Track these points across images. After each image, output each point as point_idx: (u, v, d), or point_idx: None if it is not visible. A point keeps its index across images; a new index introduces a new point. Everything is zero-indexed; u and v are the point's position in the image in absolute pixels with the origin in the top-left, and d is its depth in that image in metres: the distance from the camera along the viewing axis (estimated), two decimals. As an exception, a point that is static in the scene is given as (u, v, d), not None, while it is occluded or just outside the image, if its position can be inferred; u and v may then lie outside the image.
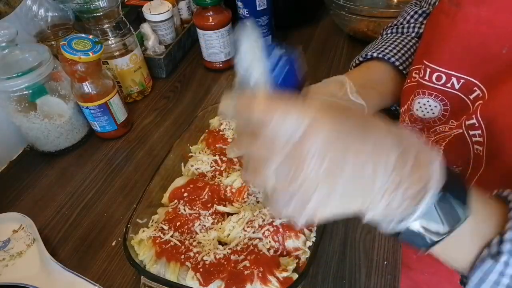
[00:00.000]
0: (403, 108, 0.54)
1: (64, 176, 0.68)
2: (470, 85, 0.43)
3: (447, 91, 0.45)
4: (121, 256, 0.55)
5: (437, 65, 0.44)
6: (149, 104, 0.82)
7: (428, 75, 0.46)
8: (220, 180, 0.56)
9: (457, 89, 0.44)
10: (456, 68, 0.43)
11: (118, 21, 0.74)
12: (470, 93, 0.43)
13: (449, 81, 0.44)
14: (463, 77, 0.43)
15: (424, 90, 0.47)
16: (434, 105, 0.47)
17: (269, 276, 0.43)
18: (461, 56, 0.42)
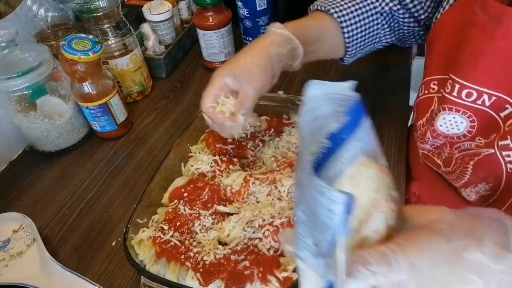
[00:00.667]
0: (421, 121, 0.52)
1: (64, 176, 0.68)
2: (502, 102, 0.41)
3: (476, 107, 0.43)
4: (121, 256, 0.55)
5: (467, 81, 0.42)
6: (149, 104, 0.82)
7: (457, 91, 0.43)
8: (220, 180, 0.56)
9: (488, 106, 0.42)
10: (489, 85, 0.41)
11: (118, 21, 0.74)
12: (501, 110, 0.42)
13: (480, 98, 0.42)
14: (495, 94, 0.41)
15: (451, 106, 0.45)
16: (460, 121, 0.45)
17: (269, 276, 0.43)
18: (497, 73, 0.40)
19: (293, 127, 0.63)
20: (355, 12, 0.57)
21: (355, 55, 0.61)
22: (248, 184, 0.54)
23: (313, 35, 0.56)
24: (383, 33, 0.61)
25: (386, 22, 0.59)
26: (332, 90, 0.24)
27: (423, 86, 0.52)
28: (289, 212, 0.49)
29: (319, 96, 0.25)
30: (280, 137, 0.62)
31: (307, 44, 0.55)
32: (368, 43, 0.60)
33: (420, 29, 0.59)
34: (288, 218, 0.48)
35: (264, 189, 0.53)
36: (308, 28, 0.56)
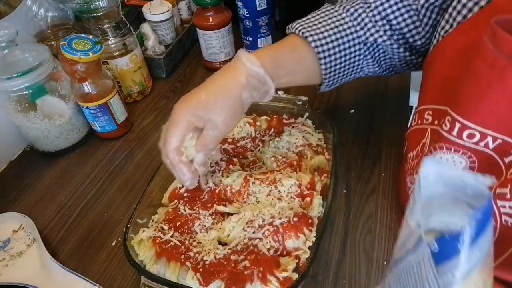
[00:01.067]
0: (412, 153, 0.48)
1: (64, 176, 0.68)
2: (508, 147, 0.37)
3: (478, 149, 0.38)
4: (121, 256, 0.55)
5: (470, 121, 0.37)
6: (149, 104, 0.82)
7: (457, 131, 0.39)
8: (220, 180, 0.56)
9: (491, 148, 0.38)
10: (495, 127, 0.37)
11: (118, 21, 0.74)
12: (506, 155, 0.37)
13: (483, 139, 0.38)
14: (501, 138, 0.37)
15: (450, 146, 0.40)
16: (459, 161, 0.41)
17: (269, 276, 0.43)
18: (505, 115, 0.36)
19: (293, 127, 0.63)
20: (335, 42, 0.52)
21: (332, 85, 0.57)
22: (248, 184, 0.54)
23: (289, 69, 0.52)
24: (365, 64, 0.56)
25: (370, 53, 0.55)
26: (456, 174, 0.21)
27: (416, 115, 0.48)
28: (289, 212, 0.49)
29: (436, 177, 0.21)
30: (280, 137, 0.62)
31: (281, 77, 0.51)
32: (348, 73, 0.56)
33: (413, 57, 0.55)
34: (288, 218, 0.48)
35: (264, 189, 0.53)
36: (285, 61, 0.51)
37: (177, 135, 0.47)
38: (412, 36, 0.52)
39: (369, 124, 0.70)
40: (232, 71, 0.48)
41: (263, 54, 0.50)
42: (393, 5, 0.51)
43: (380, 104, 0.75)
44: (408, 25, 0.51)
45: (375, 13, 0.52)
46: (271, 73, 0.49)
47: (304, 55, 0.52)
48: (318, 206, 0.51)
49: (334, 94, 0.78)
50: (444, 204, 0.21)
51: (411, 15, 0.51)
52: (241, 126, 0.64)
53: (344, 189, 0.60)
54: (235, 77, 0.48)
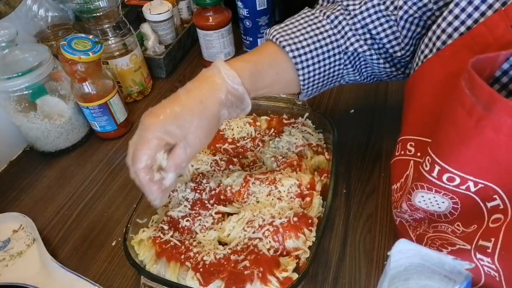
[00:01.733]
0: (395, 185, 0.46)
1: (64, 176, 0.68)
2: (490, 191, 0.35)
3: (460, 192, 0.36)
4: (121, 256, 0.55)
5: (450, 166, 0.35)
6: (149, 104, 0.82)
7: (437, 173, 0.36)
8: (220, 180, 0.56)
9: (473, 192, 0.36)
10: (476, 174, 0.35)
11: (118, 21, 0.74)
12: (488, 200, 0.35)
13: (464, 184, 0.36)
14: (482, 183, 0.35)
15: (431, 186, 0.38)
16: (442, 201, 0.39)
17: (269, 276, 0.43)
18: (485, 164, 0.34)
19: (293, 127, 0.63)
20: (314, 52, 0.49)
21: (311, 94, 0.55)
22: (248, 184, 0.54)
23: (268, 82, 0.50)
24: (345, 72, 0.54)
25: (350, 62, 0.53)
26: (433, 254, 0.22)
27: (400, 145, 0.46)
28: (289, 212, 0.49)
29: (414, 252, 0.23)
30: (280, 137, 0.62)
31: (259, 90, 0.49)
32: (327, 82, 0.54)
33: (393, 69, 0.54)
34: (288, 218, 0.48)
35: (264, 189, 0.53)
36: (264, 75, 0.49)
37: (148, 153, 0.42)
38: (392, 47, 0.51)
39: (369, 124, 0.70)
40: (211, 85, 0.45)
41: (243, 69, 0.46)
42: (373, 14, 0.49)
43: (380, 104, 0.75)
44: (387, 36, 0.50)
45: (355, 21, 0.50)
46: (249, 88, 0.46)
47: (283, 66, 0.50)
48: (318, 206, 0.51)
49: (334, 94, 0.78)
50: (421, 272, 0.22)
51: (391, 26, 0.50)
52: (241, 126, 0.64)
53: (344, 189, 0.60)
54: (214, 93, 0.44)
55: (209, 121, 0.44)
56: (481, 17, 0.37)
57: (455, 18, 0.39)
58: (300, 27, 0.51)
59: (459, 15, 0.38)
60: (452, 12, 0.39)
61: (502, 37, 0.34)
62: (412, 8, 0.47)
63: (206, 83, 0.45)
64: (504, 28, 0.34)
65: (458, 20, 0.38)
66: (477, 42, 0.36)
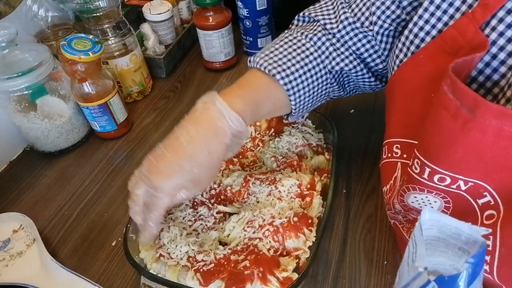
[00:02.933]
0: (385, 188, 0.47)
1: (64, 176, 0.68)
2: (479, 189, 0.36)
3: (451, 191, 0.38)
4: (121, 256, 0.55)
5: (440, 168, 0.36)
6: (149, 104, 0.82)
7: (428, 175, 0.38)
8: (220, 180, 0.56)
9: (464, 190, 0.37)
10: (465, 173, 0.36)
11: (118, 21, 0.74)
12: (478, 197, 0.37)
13: (454, 183, 0.37)
14: (472, 181, 0.36)
15: (422, 187, 0.39)
16: (434, 201, 0.40)
17: (269, 276, 0.43)
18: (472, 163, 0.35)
19: (293, 127, 0.63)
20: (303, 76, 0.50)
21: (299, 115, 0.56)
22: (248, 184, 0.54)
23: (265, 113, 0.51)
24: (331, 90, 0.56)
25: (335, 80, 0.54)
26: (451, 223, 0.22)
27: (386, 148, 0.46)
28: (289, 212, 0.49)
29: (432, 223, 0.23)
30: (280, 137, 0.62)
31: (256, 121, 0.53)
32: (315, 102, 0.55)
33: (378, 82, 0.55)
34: (288, 218, 0.48)
35: (264, 189, 0.53)
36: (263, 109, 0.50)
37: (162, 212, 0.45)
38: (373, 60, 0.52)
39: (369, 124, 0.70)
40: (216, 132, 0.44)
41: (245, 110, 0.46)
42: (350, 32, 0.50)
43: (380, 104, 0.75)
44: (368, 50, 0.51)
45: (335, 41, 0.52)
46: (249, 123, 0.47)
47: (277, 95, 0.51)
48: (318, 206, 0.51)
49: (334, 94, 0.78)
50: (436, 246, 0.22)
51: (369, 40, 0.51)
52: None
53: (344, 189, 0.60)
54: (220, 141, 0.44)
55: (217, 167, 0.46)
56: (450, 19, 0.38)
57: (426, 22, 0.40)
58: (285, 52, 0.51)
59: (429, 19, 0.40)
60: (422, 17, 0.40)
61: (472, 39, 0.36)
62: (386, 22, 0.48)
63: (210, 130, 0.44)
64: (473, 31, 0.35)
65: (429, 24, 0.40)
66: (450, 45, 0.37)
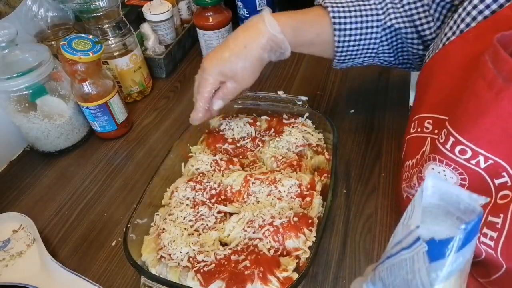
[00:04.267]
0: (410, 162, 0.48)
1: (64, 176, 0.68)
2: (499, 168, 0.36)
3: (469, 167, 0.38)
4: (121, 256, 0.55)
5: (464, 138, 0.37)
6: (149, 104, 0.82)
7: (451, 145, 0.38)
8: (220, 180, 0.56)
9: (482, 168, 0.37)
10: (487, 147, 0.36)
11: (118, 21, 0.74)
12: (496, 177, 0.37)
13: (474, 158, 0.37)
14: (493, 158, 0.36)
15: (442, 158, 0.40)
16: (450, 176, 0.40)
17: (270, 276, 0.43)
18: (498, 136, 0.35)
19: (293, 127, 0.63)
20: (354, 18, 0.54)
21: (344, 62, 0.58)
22: (248, 184, 0.54)
23: (307, 40, 0.55)
24: (381, 49, 0.57)
25: (387, 39, 0.56)
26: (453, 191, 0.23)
27: (416, 122, 0.47)
28: (289, 212, 0.49)
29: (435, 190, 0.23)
30: (280, 137, 0.62)
31: (298, 46, 0.55)
32: (361, 54, 0.57)
33: (425, 51, 0.55)
34: (288, 218, 0.48)
35: (264, 189, 0.53)
36: (305, 32, 0.55)
37: (208, 90, 0.54)
38: (423, 29, 0.54)
39: (369, 124, 0.70)
40: (255, 31, 0.52)
41: (286, 23, 0.52)
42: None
43: (380, 104, 0.75)
44: (420, 17, 0.53)
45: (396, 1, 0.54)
46: (289, 39, 0.53)
47: (323, 27, 0.55)
48: (318, 206, 0.51)
49: (334, 94, 0.78)
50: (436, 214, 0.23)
51: (425, 10, 0.53)
52: (241, 126, 0.64)
53: (344, 189, 0.60)
54: (256, 38, 0.52)
55: (252, 62, 0.52)
56: (507, 2, 0.39)
57: (481, 1, 0.41)
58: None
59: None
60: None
61: None
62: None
63: (251, 29, 0.53)
64: None
65: (483, 4, 0.40)
66: (502, 24, 0.37)
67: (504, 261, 0.37)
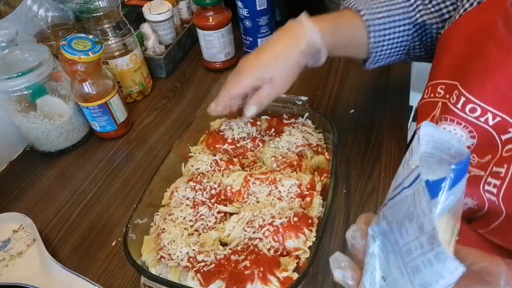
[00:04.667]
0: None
1: (64, 176, 0.68)
2: (506, 125, 0.39)
3: (478, 124, 0.41)
4: (121, 256, 0.55)
5: (474, 96, 0.40)
6: (149, 104, 0.82)
7: (461, 104, 0.42)
8: (220, 180, 0.56)
9: (491, 125, 0.40)
10: (496, 104, 0.39)
11: (118, 21, 0.74)
12: (503, 133, 0.40)
13: (483, 115, 0.40)
14: (500, 115, 0.39)
15: (453, 117, 0.43)
16: (461, 134, 0.43)
17: (270, 276, 0.43)
18: (506, 94, 0.38)
19: (293, 127, 0.63)
20: (387, 19, 0.55)
21: (377, 62, 0.60)
22: (248, 184, 0.54)
23: (344, 43, 0.56)
24: (412, 46, 0.59)
25: (418, 35, 0.57)
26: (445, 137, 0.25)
27: (429, 89, 0.50)
28: (289, 212, 0.49)
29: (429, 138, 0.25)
30: (280, 137, 0.62)
31: (334, 50, 0.55)
32: (394, 53, 0.58)
33: None
34: (288, 218, 0.48)
35: (264, 189, 0.53)
36: (342, 36, 0.55)
37: (238, 92, 0.54)
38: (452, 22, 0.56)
39: (369, 124, 0.70)
40: (294, 36, 0.52)
41: (325, 27, 0.53)
42: None
43: (380, 104, 0.75)
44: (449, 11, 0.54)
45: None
46: (327, 44, 0.53)
47: (358, 29, 0.55)
48: (318, 206, 0.51)
49: (334, 94, 0.78)
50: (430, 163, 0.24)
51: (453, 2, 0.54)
52: (241, 126, 0.64)
53: (344, 189, 0.60)
54: (295, 43, 0.52)
55: (290, 67, 0.52)
56: None
57: None
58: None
59: None
60: None
61: None
62: None
63: (290, 34, 0.53)
64: None
65: None
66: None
67: (504, 207, 0.39)
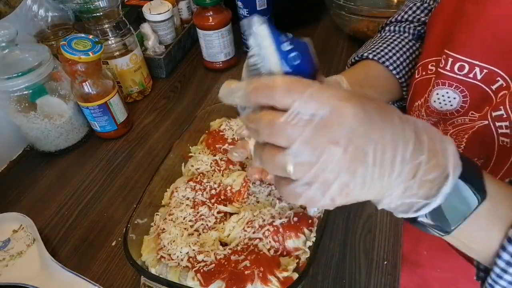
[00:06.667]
0: (419, 102, 0.54)
1: (64, 176, 0.68)
2: (493, 75, 0.42)
3: (468, 81, 0.45)
4: (121, 256, 0.55)
5: (460, 55, 0.44)
6: (149, 104, 0.82)
7: (450, 65, 0.45)
8: (220, 180, 0.56)
9: (479, 79, 0.44)
10: (481, 57, 0.43)
11: (118, 21, 0.74)
12: (492, 83, 0.43)
13: (471, 71, 0.44)
14: (486, 67, 0.43)
15: (444, 80, 0.47)
16: (453, 97, 0.47)
17: (270, 276, 0.43)
18: (489, 44, 0.41)
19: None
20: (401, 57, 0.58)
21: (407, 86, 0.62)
22: (248, 184, 0.54)
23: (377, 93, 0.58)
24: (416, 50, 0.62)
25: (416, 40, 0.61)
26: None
27: (420, 68, 0.53)
28: (289, 212, 0.49)
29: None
30: (280, 137, 0.62)
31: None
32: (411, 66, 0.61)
33: None
34: (288, 218, 0.48)
35: (264, 189, 0.53)
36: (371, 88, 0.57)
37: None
38: None
39: (369, 124, 0.70)
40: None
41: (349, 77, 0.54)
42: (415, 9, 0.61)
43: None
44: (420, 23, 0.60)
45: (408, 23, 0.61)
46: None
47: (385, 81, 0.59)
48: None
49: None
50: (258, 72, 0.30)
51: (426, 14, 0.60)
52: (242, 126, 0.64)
53: (344, 189, 0.60)
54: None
55: None
56: None
57: None
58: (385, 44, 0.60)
59: None
60: None
61: None
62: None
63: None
64: None
65: None
66: None
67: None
